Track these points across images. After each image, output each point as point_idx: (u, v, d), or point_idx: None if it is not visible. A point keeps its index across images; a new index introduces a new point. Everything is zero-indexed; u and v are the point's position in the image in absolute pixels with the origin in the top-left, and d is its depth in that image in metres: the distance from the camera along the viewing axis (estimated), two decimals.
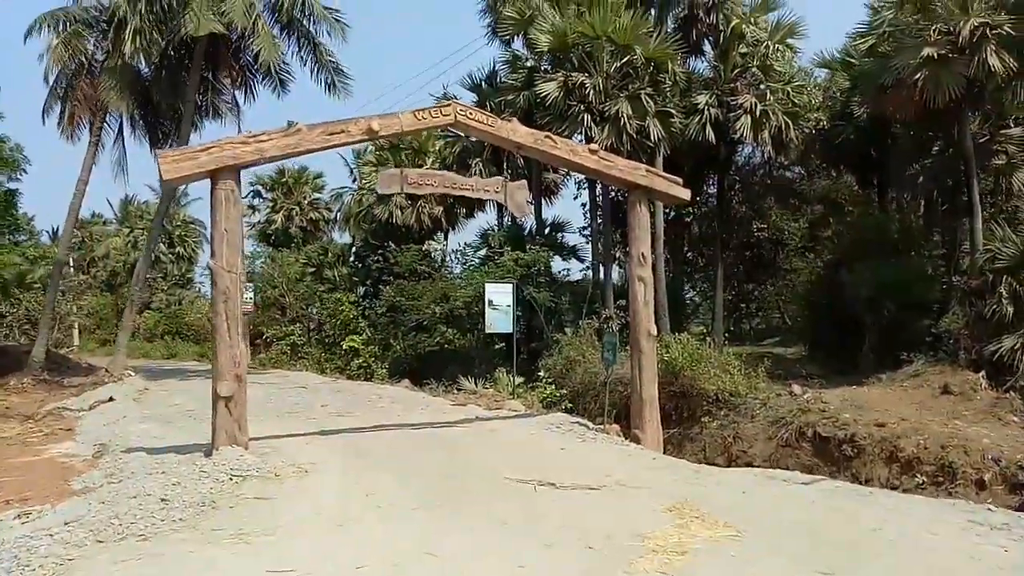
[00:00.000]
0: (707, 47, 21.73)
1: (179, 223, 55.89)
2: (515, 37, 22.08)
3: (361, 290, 29.48)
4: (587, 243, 22.81)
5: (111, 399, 15.00)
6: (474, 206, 29.81)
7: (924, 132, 19.00)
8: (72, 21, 21.25)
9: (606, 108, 18.30)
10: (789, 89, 20.86)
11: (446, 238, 32.63)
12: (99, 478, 7.90)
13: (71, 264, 58.12)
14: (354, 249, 33.15)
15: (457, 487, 6.53)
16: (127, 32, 17.28)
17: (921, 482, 12.11)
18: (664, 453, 11.55)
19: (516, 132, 9.23)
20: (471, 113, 9.01)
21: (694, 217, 24.94)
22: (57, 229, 60.08)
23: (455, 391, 15.57)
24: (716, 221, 23.15)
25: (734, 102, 20.09)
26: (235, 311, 7.89)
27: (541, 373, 17.59)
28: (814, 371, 19.07)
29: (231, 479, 6.80)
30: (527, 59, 20.40)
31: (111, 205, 63.75)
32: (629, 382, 10.16)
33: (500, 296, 13.05)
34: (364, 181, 31.88)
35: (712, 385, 15.46)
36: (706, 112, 19.94)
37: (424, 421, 10.76)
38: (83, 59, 21.45)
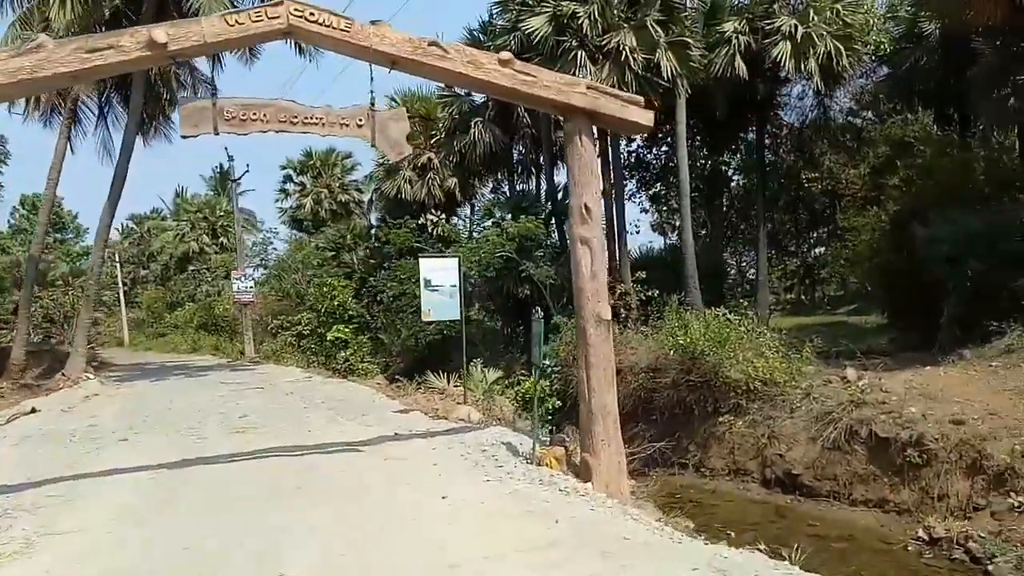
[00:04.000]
0: None
1: (222, 213, 55.28)
2: None
3: (382, 273, 27.46)
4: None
5: (33, 411, 13.16)
6: (497, 176, 27.16)
7: (1016, 41, 14.98)
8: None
9: (605, 42, 15.15)
10: (839, 7, 17.10)
11: (472, 213, 30.19)
12: None
13: (116, 260, 58.69)
14: (373, 231, 31.06)
15: None
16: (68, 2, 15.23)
17: (1018, 504, 8.78)
18: (647, 472, 8.72)
19: (384, 39, 6.42)
20: (312, 14, 6.25)
21: (734, 170, 21.38)
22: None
23: (426, 388, 13.05)
24: (757, 172, 19.56)
25: (770, 27, 16.54)
26: None
27: (546, 361, 14.87)
28: (888, 346, 15.55)
29: None
30: None
31: (163, 201, 64.36)
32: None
33: (440, 274, 10.27)
34: (378, 157, 29.64)
35: (739, 372, 12.31)
36: (734, 41, 16.48)
37: (324, 442, 8.28)
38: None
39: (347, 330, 19.48)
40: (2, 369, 19.80)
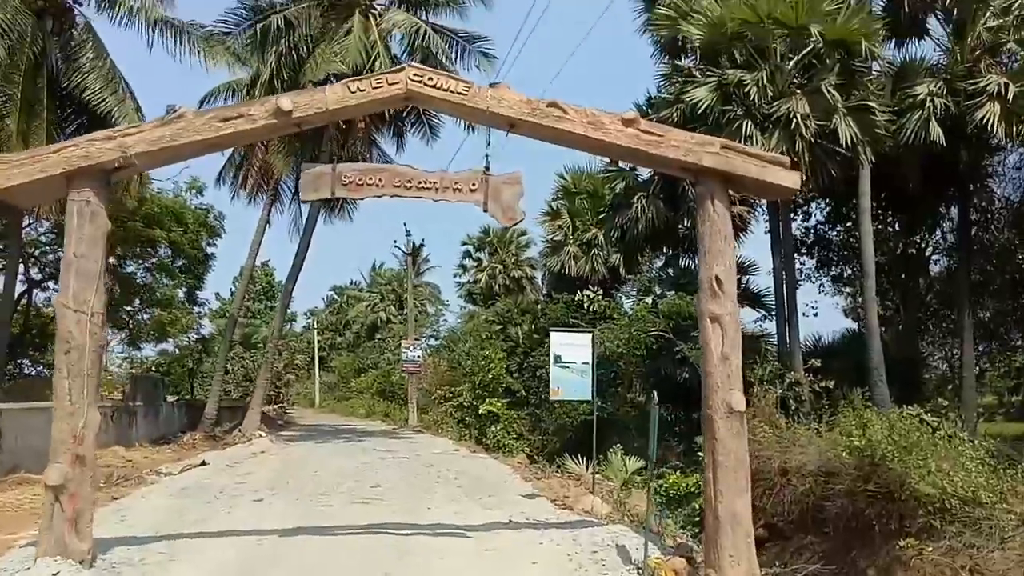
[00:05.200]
0: (933, 24, 16.47)
1: (408, 285, 59.00)
2: (677, 52, 18.62)
3: (542, 349, 27.37)
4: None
5: (203, 463, 14.09)
6: (664, 251, 26.31)
7: None
8: (245, 90, 22.23)
9: (774, 109, 14.17)
10: None
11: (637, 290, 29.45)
12: None
13: (315, 326, 64.02)
14: (538, 306, 31.25)
15: None
16: (257, 87, 17.19)
17: None
18: None
19: (502, 101, 6.21)
20: (430, 79, 6.22)
21: (933, 249, 18.85)
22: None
23: (564, 472, 12.36)
24: (961, 251, 17.05)
25: (973, 87, 14.63)
26: (83, 366, 5.76)
27: (701, 453, 13.60)
28: None
29: None
30: (684, 68, 16.90)
31: (362, 274, 70.27)
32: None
33: (573, 350, 9.62)
34: (547, 234, 30.07)
35: (932, 486, 10.28)
36: (929, 104, 14.73)
37: (437, 522, 7.90)
38: None
39: (499, 404, 19.26)
40: (199, 422, 21.78)
